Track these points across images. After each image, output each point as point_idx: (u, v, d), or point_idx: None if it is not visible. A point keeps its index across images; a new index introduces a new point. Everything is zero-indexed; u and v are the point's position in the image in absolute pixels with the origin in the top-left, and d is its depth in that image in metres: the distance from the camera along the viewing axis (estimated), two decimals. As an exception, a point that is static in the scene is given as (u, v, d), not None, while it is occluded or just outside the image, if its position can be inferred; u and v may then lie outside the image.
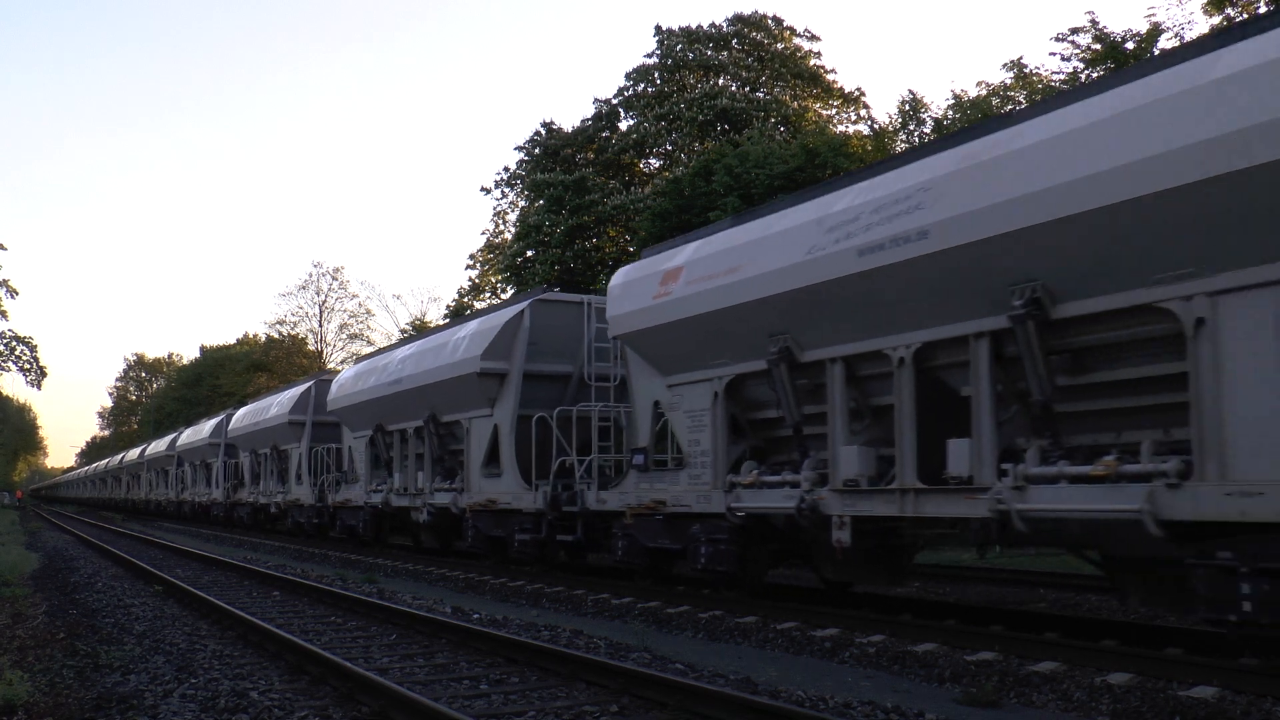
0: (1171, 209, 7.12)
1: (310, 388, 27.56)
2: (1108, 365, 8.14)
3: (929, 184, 9.00)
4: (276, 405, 29.74)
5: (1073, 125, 7.90)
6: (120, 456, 71.49)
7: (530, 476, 15.53)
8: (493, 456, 16.80)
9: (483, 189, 51.31)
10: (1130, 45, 18.76)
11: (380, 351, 24.42)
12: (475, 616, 11.49)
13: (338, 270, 77.66)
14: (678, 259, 12.49)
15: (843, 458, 10.10)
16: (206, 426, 40.13)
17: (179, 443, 45.15)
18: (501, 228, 46.65)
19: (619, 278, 13.91)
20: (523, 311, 16.31)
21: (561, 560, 16.83)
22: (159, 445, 52.43)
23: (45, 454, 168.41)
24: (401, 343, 24.65)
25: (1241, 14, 17.52)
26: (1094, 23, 19.40)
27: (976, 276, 8.53)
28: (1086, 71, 19.76)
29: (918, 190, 9.07)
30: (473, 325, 17.71)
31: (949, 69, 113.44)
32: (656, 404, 13.01)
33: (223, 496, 35.96)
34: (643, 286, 12.92)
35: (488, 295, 46.81)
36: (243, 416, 34.44)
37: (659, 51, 39.61)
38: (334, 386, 24.47)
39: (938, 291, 8.95)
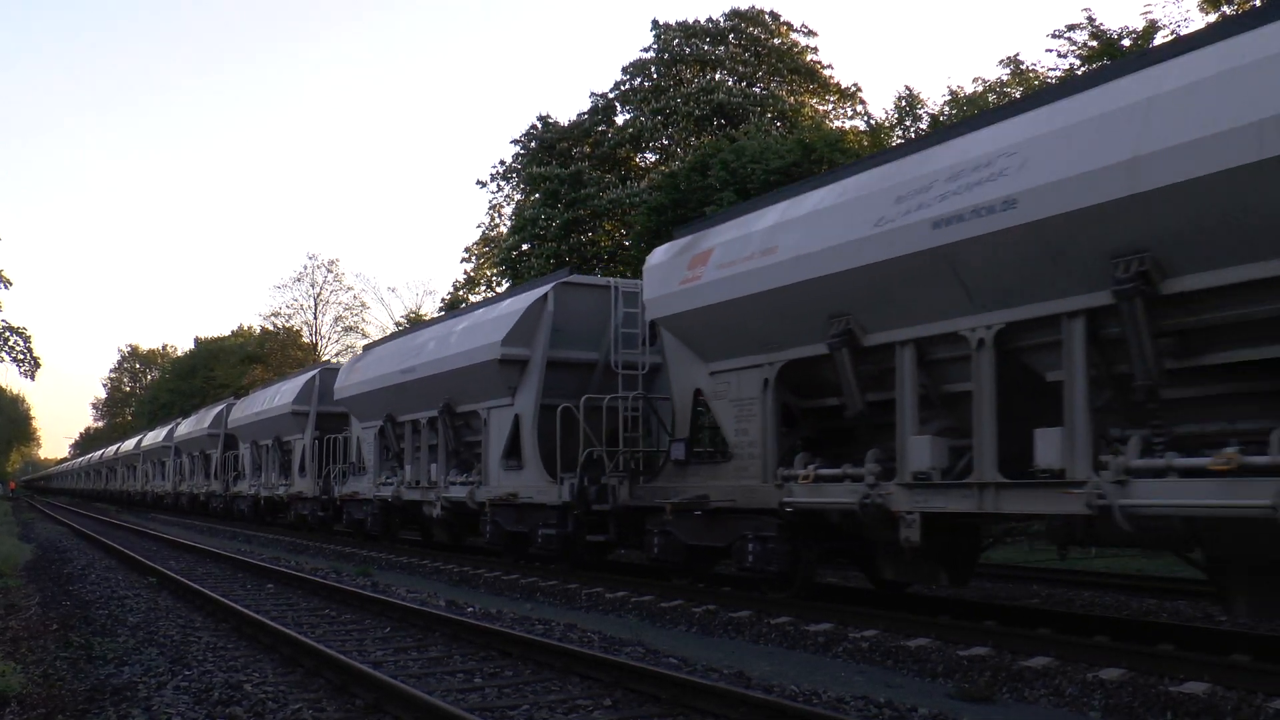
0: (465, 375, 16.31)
1: (222, 410, 36.51)
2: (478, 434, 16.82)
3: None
4: (201, 421, 39.57)
5: None
6: (101, 453, 78.73)
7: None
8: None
9: (478, 182, 51.06)
10: (1127, 42, 18.76)
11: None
12: (469, 610, 11.49)
13: (333, 263, 77.32)
14: (360, 363, 22.14)
15: (492, 470, 16.96)
16: (162, 433, 49.08)
17: (143, 444, 53.68)
18: (497, 221, 46.54)
19: (348, 366, 23.81)
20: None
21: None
22: (128, 445, 60.94)
23: (39, 445, 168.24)
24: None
25: (1237, 10, 17.53)
26: (1091, 20, 19.51)
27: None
28: (1083, 68, 19.76)
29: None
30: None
31: (946, 65, 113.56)
32: (357, 439, 22.00)
33: (171, 488, 45.07)
34: (350, 374, 22.07)
35: (483, 288, 46.75)
36: (185, 426, 43.24)
37: (656, 46, 39.50)
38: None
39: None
